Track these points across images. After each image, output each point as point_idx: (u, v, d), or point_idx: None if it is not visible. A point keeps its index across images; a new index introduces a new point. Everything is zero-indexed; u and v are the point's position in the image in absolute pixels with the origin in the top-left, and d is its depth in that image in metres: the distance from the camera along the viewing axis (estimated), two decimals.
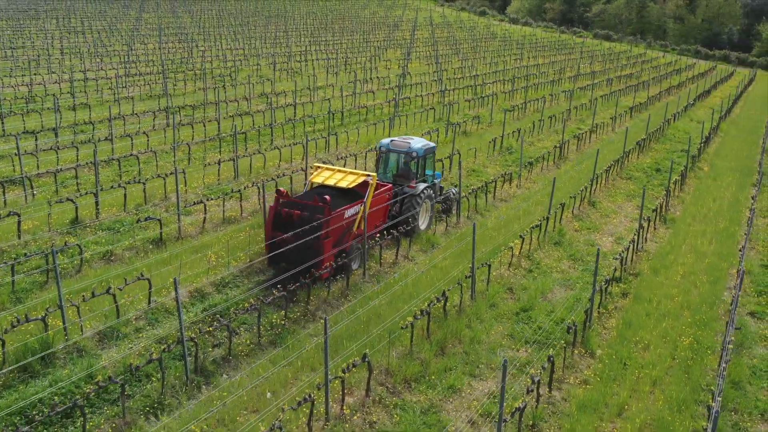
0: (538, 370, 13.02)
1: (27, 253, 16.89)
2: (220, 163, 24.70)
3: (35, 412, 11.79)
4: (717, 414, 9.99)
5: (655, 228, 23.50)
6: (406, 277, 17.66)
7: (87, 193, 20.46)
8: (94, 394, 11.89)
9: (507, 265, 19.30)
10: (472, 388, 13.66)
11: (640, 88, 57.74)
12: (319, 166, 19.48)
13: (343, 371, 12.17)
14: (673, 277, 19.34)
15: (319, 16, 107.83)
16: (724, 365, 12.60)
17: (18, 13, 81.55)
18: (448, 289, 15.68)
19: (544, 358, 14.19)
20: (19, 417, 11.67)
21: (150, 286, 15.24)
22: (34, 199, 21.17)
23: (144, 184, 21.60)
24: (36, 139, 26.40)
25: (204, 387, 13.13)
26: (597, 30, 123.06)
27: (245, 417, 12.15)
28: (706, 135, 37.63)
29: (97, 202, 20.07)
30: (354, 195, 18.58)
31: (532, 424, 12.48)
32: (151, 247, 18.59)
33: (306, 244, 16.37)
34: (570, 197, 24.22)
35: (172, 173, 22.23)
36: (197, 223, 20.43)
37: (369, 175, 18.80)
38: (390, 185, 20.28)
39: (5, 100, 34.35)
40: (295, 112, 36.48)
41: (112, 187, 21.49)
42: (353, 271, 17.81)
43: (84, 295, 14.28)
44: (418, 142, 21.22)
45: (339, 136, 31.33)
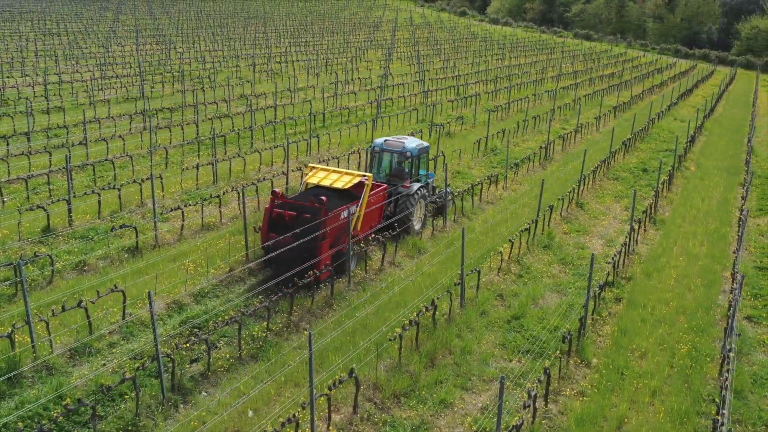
0: (534, 383, 12.41)
1: None
2: (198, 168, 23.92)
3: None
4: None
5: (645, 230, 23.04)
6: (393, 287, 17.01)
7: (60, 199, 19.59)
8: (62, 417, 11.10)
9: (496, 271, 18.72)
10: (465, 402, 13.03)
11: (622, 87, 57.60)
12: (314, 167, 18.99)
13: (329, 388, 11.49)
14: (666, 281, 18.85)
15: (299, 17, 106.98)
16: (727, 375, 12.08)
17: None
18: (437, 297, 15.05)
19: (539, 368, 13.61)
20: None
21: (125, 299, 14.47)
22: (4, 207, 20.26)
23: (119, 189, 20.80)
24: (7, 144, 25.45)
25: (182, 406, 12.38)
26: (577, 30, 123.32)
27: None
28: (691, 134, 37.38)
29: (69, 210, 19.23)
30: (350, 196, 18.27)
31: None
32: (126, 256, 17.80)
33: (302, 246, 15.93)
34: (558, 199, 23.72)
35: (148, 178, 21.41)
36: (175, 231, 19.66)
37: (365, 175, 18.41)
38: (385, 185, 20.03)
39: None
40: (275, 114, 35.74)
41: (86, 193, 20.64)
42: (353, 271, 17.56)
43: (54, 309, 13.50)
44: (412, 142, 20.97)
45: (321, 138, 30.65)
